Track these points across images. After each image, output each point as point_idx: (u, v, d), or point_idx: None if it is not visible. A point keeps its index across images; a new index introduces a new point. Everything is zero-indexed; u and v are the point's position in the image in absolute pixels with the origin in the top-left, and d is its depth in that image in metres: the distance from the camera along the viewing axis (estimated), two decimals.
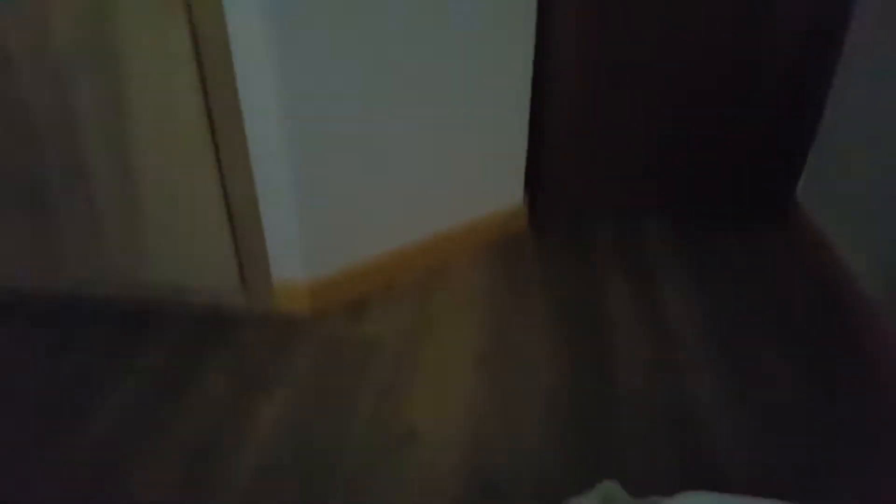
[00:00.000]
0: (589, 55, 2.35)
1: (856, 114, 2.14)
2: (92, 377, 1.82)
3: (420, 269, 2.26)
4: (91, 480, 1.52)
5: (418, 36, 1.94)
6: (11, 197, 1.98)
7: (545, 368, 1.84)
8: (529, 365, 1.85)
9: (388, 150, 2.04)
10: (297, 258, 2.02)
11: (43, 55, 1.78)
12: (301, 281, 2.04)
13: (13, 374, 1.84)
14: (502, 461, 1.55)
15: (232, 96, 1.77)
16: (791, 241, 2.44)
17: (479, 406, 1.71)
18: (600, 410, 1.69)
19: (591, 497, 1.22)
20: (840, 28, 2.23)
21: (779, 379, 1.80)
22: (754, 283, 2.21)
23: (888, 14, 1.99)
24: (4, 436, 1.63)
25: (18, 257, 2.08)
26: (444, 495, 1.46)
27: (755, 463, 1.53)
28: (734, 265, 2.31)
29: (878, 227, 1.94)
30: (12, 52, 1.79)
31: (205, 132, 1.81)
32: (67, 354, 1.91)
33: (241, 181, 1.89)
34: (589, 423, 1.65)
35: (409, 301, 2.12)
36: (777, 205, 2.56)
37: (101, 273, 2.08)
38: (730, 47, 2.29)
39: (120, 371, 1.84)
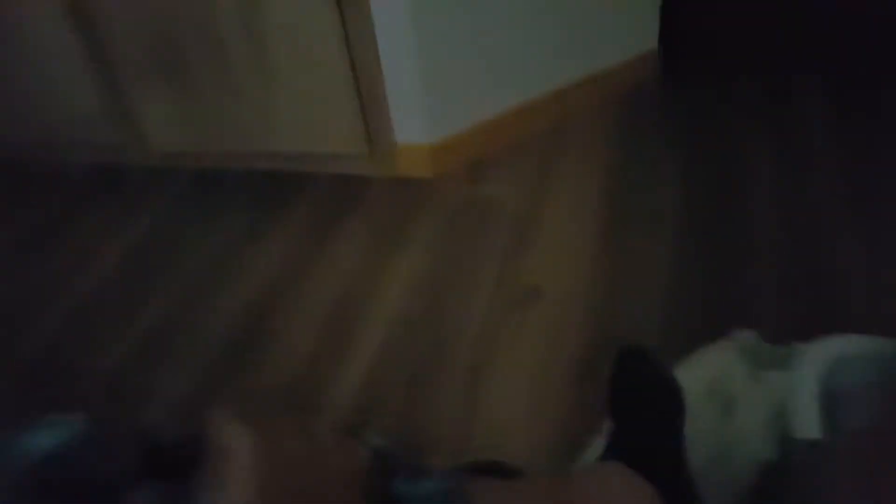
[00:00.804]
0: None
1: None
2: (240, 239, 1.98)
3: (543, 126, 2.21)
4: (246, 324, 1.69)
5: None
6: (154, 66, 2.08)
7: (672, 227, 1.79)
8: (656, 223, 1.81)
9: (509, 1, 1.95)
10: (418, 121, 2.03)
11: None
12: (423, 144, 2.06)
13: (176, 234, 2.04)
14: (628, 317, 1.57)
15: None
16: None
17: (604, 264, 1.71)
18: (731, 264, 1.64)
19: (727, 346, 1.22)
20: None
21: None
22: None
23: None
24: (184, 283, 1.84)
25: (164, 125, 2.22)
26: (569, 351, 1.51)
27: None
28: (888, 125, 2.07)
29: None
30: None
31: None
32: (218, 218, 2.07)
33: (365, 45, 1.89)
34: (720, 277, 1.61)
35: (530, 160, 2.10)
36: None
37: (238, 141, 2.19)
38: None
39: (264, 234, 1.99)
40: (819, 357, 1.08)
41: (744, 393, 1.13)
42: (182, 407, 1.52)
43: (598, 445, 1.10)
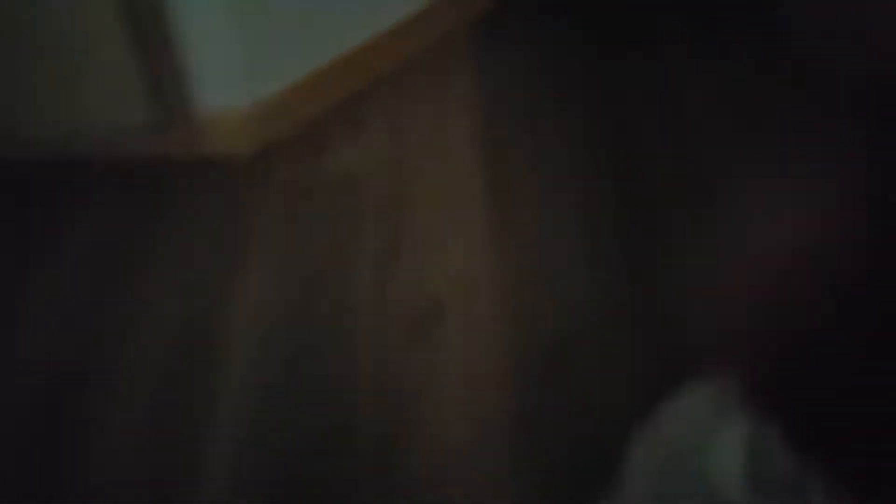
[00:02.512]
0: None
1: None
2: None
3: (386, 70, 1.76)
4: (42, 415, 1.12)
5: None
6: None
7: (568, 170, 1.48)
8: (548, 174, 1.49)
9: None
10: (228, 78, 1.48)
11: None
12: (238, 108, 1.52)
13: None
14: (552, 306, 1.25)
15: None
16: None
17: (504, 243, 1.36)
18: (640, 209, 1.39)
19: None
20: None
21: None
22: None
23: None
24: None
25: None
26: (496, 371, 1.17)
27: None
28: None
29: None
30: None
31: None
32: None
33: None
34: (631, 228, 1.35)
35: (379, 114, 1.66)
36: None
37: None
38: None
39: (32, 264, 1.35)
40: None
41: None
42: None
43: None
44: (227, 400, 1.15)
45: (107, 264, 1.35)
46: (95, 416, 1.13)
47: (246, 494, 1.04)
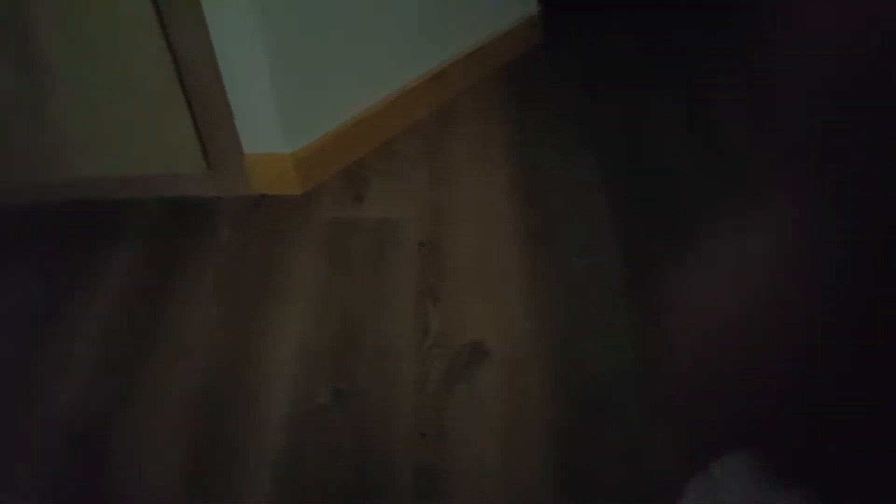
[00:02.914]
0: None
1: None
2: (32, 311, 1.40)
3: (425, 114, 1.81)
4: (69, 447, 1.17)
5: None
6: None
7: (605, 208, 1.50)
8: (585, 224, 1.50)
9: None
10: (272, 125, 1.54)
11: None
12: (282, 154, 1.58)
13: None
14: (596, 358, 1.26)
15: None
16: None
17: (547, 288, 1.38)
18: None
19: None
20: None
21: None
22: None
23: None
24: None
25: None
26: (538, 416, 1.18)
27: None
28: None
29: None
30: None
31: None
32: (4, 282, 1.46)
33: (190, 31, 1.36)
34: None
35: (418, 158, 1.70)
36: None
37: (11, 171, 1.56)
38: None
39: (71, 304, 1.42)
40: None
41: None
42: None
43: None
44: (267, 434, 1.18)
45: (152, 295, 1.41)
46: (133, 450, 1.17)
47: None
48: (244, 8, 1.39)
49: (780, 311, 0.28)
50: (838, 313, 0.25)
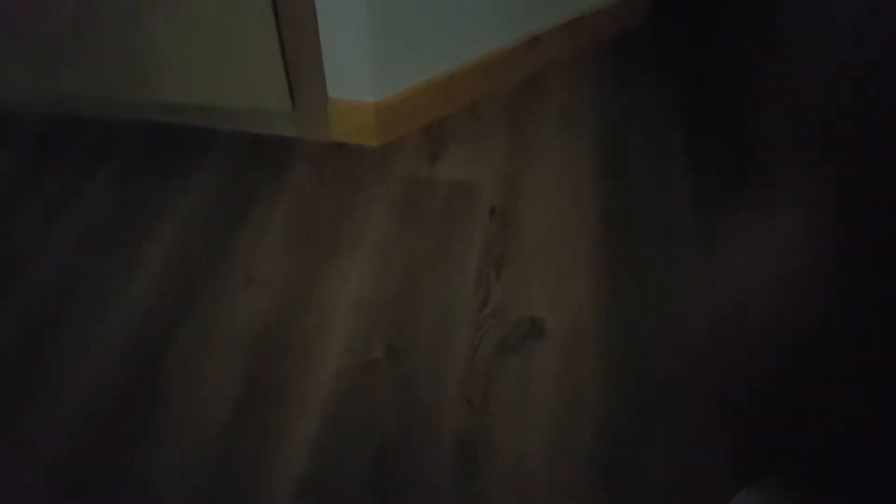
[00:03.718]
0: None
1: None
2: (110, 226, 1.44)
3: (515, 79, 1.77)
4: (129, 366, 1.20)
5: None
6: None
7: (689, 205, 1.44)
8: (662, 212, 1.45)
9: None
10: (360, 72, 1.53)
11: None
12: (365, 102, 1.57)
13: (9, 216, 1.46)
14: (652, 350, 1.22)
15: None
16: None
17: (615, 276, 1.34)
18: None
19: None
20: None
21: None
22: None
23: None
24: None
25: (14, 71, 1.59)
26: (585, 411, 1.15)
27: None
28: None
29: None
30: None
31: None
32: (77, 190, 1.50)
33: None
34: None
35: (502, 124, 1.66)
36: None
37: (100, 85, 1.60)
38: None
39: (146, 220, 1.46)
40: None
41: None
42: None
43: None
44: (318, 379, 1.19)
45: (222, 223, 1.43)
46: (188, 374, 1.20)
47: (328, 468, 1.08)
48: None
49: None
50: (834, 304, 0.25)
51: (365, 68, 1.53)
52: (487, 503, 1.04)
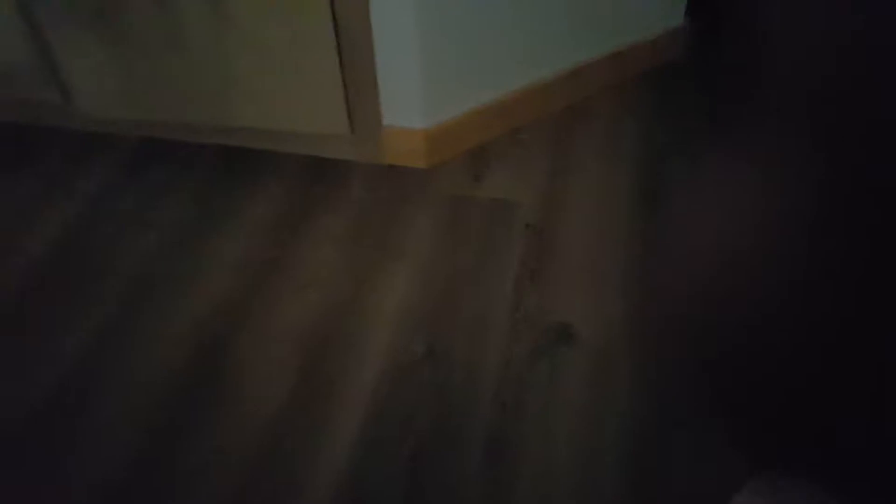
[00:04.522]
0: None
1: None
2: (188, 233, 1.61)
3: (556, 110, 1.89)
4: (197, 356, 1.35)
5: None
6: (78, 8, 1.66)
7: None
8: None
9: None
10: (412, 102, 1.67)
11: None
12: (416, 129, 1.71)
13: (109, 226, 1.65)
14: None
15: None
16: None
17: (644, 299, 1.42)
18: None
19: None
20: None
21: None
22: None
23: None
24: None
25: (94, 84, 1.80)
26: (612, 413, 1.24)
27: None
28: None
29: None
30: None
31: None
32: (161, 205, 1.69)
33: (354, 9, 1.51)
34: None
35: (543, 151, 1.78)
36: None
37: (187, 110, 1.79)
38: None
39: (218, 228, 1.62)
40: None
41: None
42: (111, 478, 1.18)
43: None
44: (360, 377, 1.31)
45: (284, 232, 1.58)
46: (247, 364, 1.34)
47: (368, 460, 1.19)
48: None
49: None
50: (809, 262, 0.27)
51: (416, 98, 1.67)
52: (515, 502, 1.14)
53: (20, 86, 1.84)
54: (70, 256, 1.57)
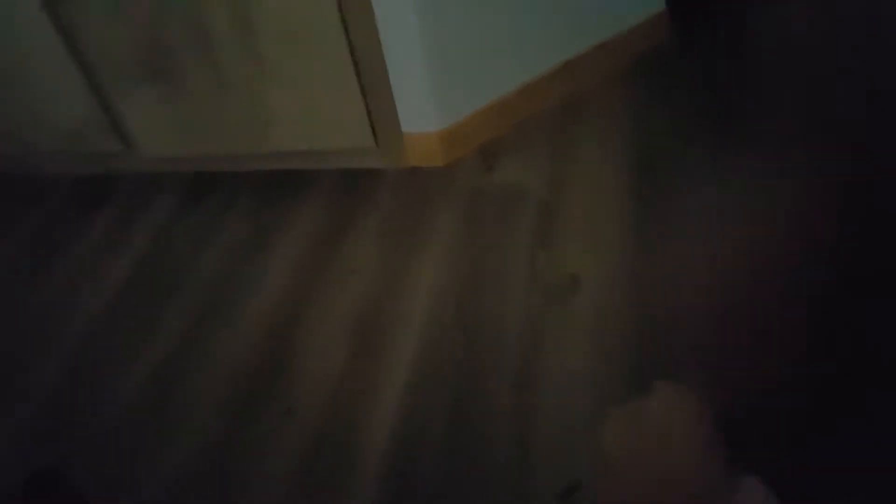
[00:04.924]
0: None
1: None
2: (246, 248, 1.87)
3: (554, 101, 2.10)
4: (266, 345, 1.60)
5: None
6: (137, 65, 1.94)
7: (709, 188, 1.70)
8: (692, 218, 1.72)
9: None
10: (425, 109, 1.91)
11: None
12: (431, 132, 1.94)
13: (178, 249, 1.92)
14: (675, 294, 1.49)
15: None
16: None
17: (641, 245, 1.62)
18: None
19: None
20: None
21: None
22: None
23: None
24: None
25: (152, 129, 2.08)
26: (618, 339, 1.43)
27: None
28: None
29: None
30: None
31: None
32: (220, 227, 1.95)
33: (365, 31, 1.76)
34: None
35: (545, 139, 1.99)
36: None
37: (233, 142, 2.06)
38: None
39: (271, 240, 1.88)
40: None
41: None
42: (205, 452, 1.42)
43: None
44: (404, 344, 1.53)
45: (329, 237, 1.82)
46: (309, 344, 1.57)
47: (414, 414, 1.41)
48: (406, 9, 1.76)
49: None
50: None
51: (429, 105, 1.91)
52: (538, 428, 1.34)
53: (90, 141, 2.13)
54: (151, 273, 1.84)
